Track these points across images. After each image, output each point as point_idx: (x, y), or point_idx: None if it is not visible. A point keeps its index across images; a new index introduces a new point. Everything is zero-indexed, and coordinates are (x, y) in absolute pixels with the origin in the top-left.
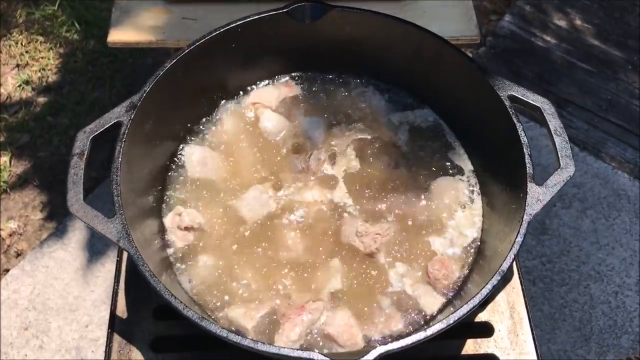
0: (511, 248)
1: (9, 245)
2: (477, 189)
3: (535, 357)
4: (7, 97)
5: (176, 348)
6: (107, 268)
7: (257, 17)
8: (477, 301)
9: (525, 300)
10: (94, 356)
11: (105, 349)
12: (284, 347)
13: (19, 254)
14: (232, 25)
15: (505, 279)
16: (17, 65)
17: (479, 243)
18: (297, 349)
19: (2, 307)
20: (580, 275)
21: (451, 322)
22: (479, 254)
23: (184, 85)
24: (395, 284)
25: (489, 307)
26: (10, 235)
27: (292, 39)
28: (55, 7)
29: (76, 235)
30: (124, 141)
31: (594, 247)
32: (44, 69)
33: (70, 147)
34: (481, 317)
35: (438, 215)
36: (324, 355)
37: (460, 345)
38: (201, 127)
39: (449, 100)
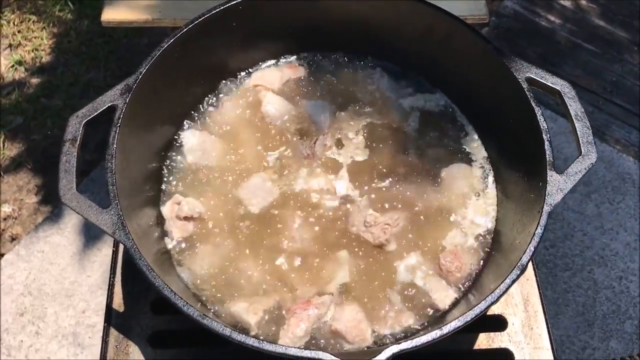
0: (531, 240)
1: (3, 229)
2: (491, 176)
3: (551, 352)
4: (0, 78)
5: (175, 343)
6: (103, 253)
7: None
8: (496, 297)
9: (540, 292)
10: (90, 342)
11: (102, 344)
12: (291, 347)
13: (13, 239)
14: (232, 3)
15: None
16: (10, 46)
17: (494, 234)
18: (304, 347)
19: None
20: (584, 260)
21: (468, 319)
22: (494, 245)
23: (182, 67)
24: (406, 276)
25: (502, 299)
26: (5, 219)
27: (296, 18)
28: None
29: (72, 220)
30: (119, 126)
31: (598, 231)
32: (37, 49)
33: (64, 129)
34: (494, 310)
35: (450, 204)
36: (334, 355)
37: (472, 340)
38: (200, 110)
39: (462, 83)
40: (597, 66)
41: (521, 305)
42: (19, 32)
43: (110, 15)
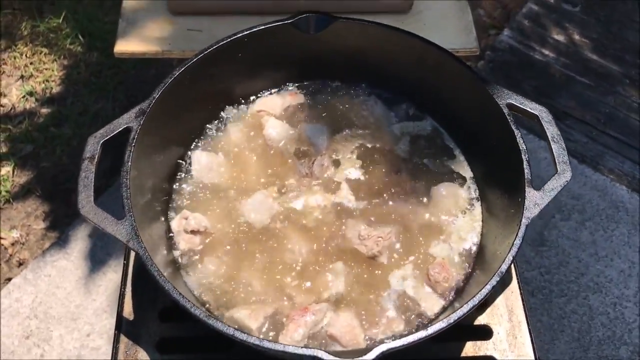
0: (509, 250)
1: (11, 255)
2: (476, 195)
3: (534, 359)
4: (11, 108)
5: (181, 349)
6: (108, 277)
7: (263, 27)
8: (477, 301)
9: (523, 304)
10: None
11: (112, 350)
12: (289, 345)
13: (21, 263)
14: (238, 35)
15: (504, 283)
16: (22, 77)
17: (479, 247)
18: (302, 347)
19: (4, 316)
20: (579, 286)
21: (451, 321)
22: (479, 258)
23: (191, 93)
24: (397, 286)
25: (488, 310)
26: (13, 244)
27: (297, 49)
28: (60, 20)
29: (78, 245)
30: (134, 145)
31: (593, 258)
32: (47, 80)
33: (72, 157)
34: (480, 320)
35: (439, 220)
36: (328, 352)
37: (460, 348)
38: (208, 133)
39: (450, 109)
40: (590, 98)
41: (506, 316)
42: (31, 64)
43: (123, 47)
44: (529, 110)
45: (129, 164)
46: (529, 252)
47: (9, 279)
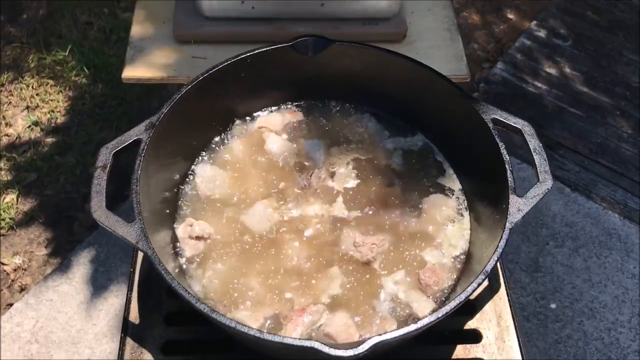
0: (495, 251)
1: (13, 280)
2: (465, 205)
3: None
4: (17, 138)
5: (186, 352)
6: (109, 302)
7: (265, 49)
8: (464, 297)
9: (511, 310)
10: None
11: (118, 352)
12: (287, 337)
13: (22, 289)
14: (242, 56)
15: (492, 289)
16: (27, 107)
17: (468, 253)
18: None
19: (5, 340)
20: (574, 311)
21: (440, 315)
22: (467, 263)
23: (197, 110)
24: (390, 289)
25: (478, 315)
26: (15, 270)
27: (296, 70)
28: (66, 53)
29: (80, 270)
30: (143, 156)
31: (587, 284)
32: (53, 111)
33: (76, 185)
34: (470, 324)
35: (430, 228)
36: (324, 344)
37: (451, 351)
38: (212, 147)
39: (439, 125)
40: (582, 129)
41: (494, 321)
42: (37, 95)
43: (130, 73)
44: (512, 124)
45: (139, 172)
46: (524, 278)
47: (11, 304)
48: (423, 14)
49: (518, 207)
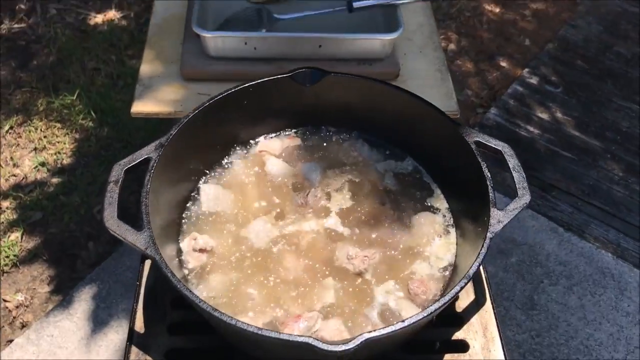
0: (476, 258)
1: (14, 317)
2: (451, 222)
3: None
4: (24, 178)
5: (187, 359)
6: (109, 337)
7: (266, 79)
8: (448, 299)
9: (496, 322)
10: None
11: (124, 358)
12: (284, 333)
13: (24, 325)
14: (245, 85)
15: (479, 303)
16: (35, 149)
17: (454, 266)
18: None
19: None
20: (569, 349)
21: (425, 314)
22: (453, 274)
23: (203, 134)
24: (381, 299)
25: (465, 327)
26: (17, 307)
27: (295, 99)
28: (74, 97)
29: (82, 306)
30: (152, 172)
31: (582, 322)
32: (59, 152)
33: (80, 224)
34: (458, 335)
35: (418, 243)
36: (317, 339)
37: (439, 359)
38: (216, 168)
39: (427, 149)
40: (574, 171)
41: (481, 332)
42: (44, 137)
43: (139, 108)
44: (494, 146)
45: (149, 186)
46: (519, 316)
47: (11, 340)
48: (415, 56)
49: (498, 219)
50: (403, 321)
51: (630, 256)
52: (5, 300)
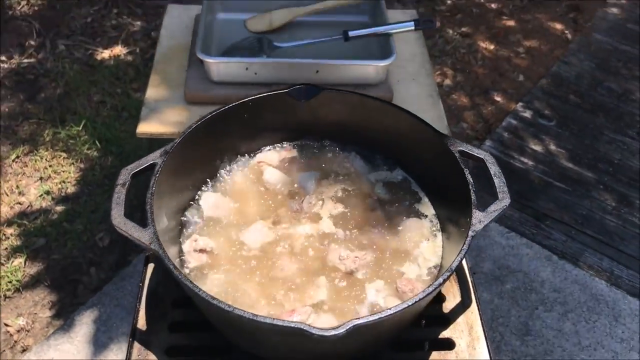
0: (459, 254)
1: (16, 341)
2: (437, 227)
3: None
4: (29, 206)
5: (188, 354)
6: None
7: (265, 94)
8: (432, 289)
9: (481, 322)
10: None
11: (127, 354)
12: (278, 319)
13: (24, 349)
14: (245, 100)
15: (465, 304)
16: (41, 178)
17: (440, 266)
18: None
19: None
20: None
21: (410, 303)
22: (439, 274)
23: (205, 144)
24: (370, 296)
25: (452, 326)
26: (18, 331)
27: (291, 114)
28: (80, 128)
29: (82, 330)
30: (157, 175)
31: (577, 348)
32: (64, 181)
33: (82, 250)
34: (444, 334)
35: (407, 246)
36: (309, 325)
37: (427, 356)
38: (217, 177)
39: (415, 161)
40: (568, 201)
41: (466, 331)
42: (50, 166)
43: (145, 128)
44: (476, 155)
45: (154, 187)
46: (514, 341)
47: None
48: (408, 82)
49: (479, 219)
50: (390, 309)
51: (624, 284)
52: (6, 325)
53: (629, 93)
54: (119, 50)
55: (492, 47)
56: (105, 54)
